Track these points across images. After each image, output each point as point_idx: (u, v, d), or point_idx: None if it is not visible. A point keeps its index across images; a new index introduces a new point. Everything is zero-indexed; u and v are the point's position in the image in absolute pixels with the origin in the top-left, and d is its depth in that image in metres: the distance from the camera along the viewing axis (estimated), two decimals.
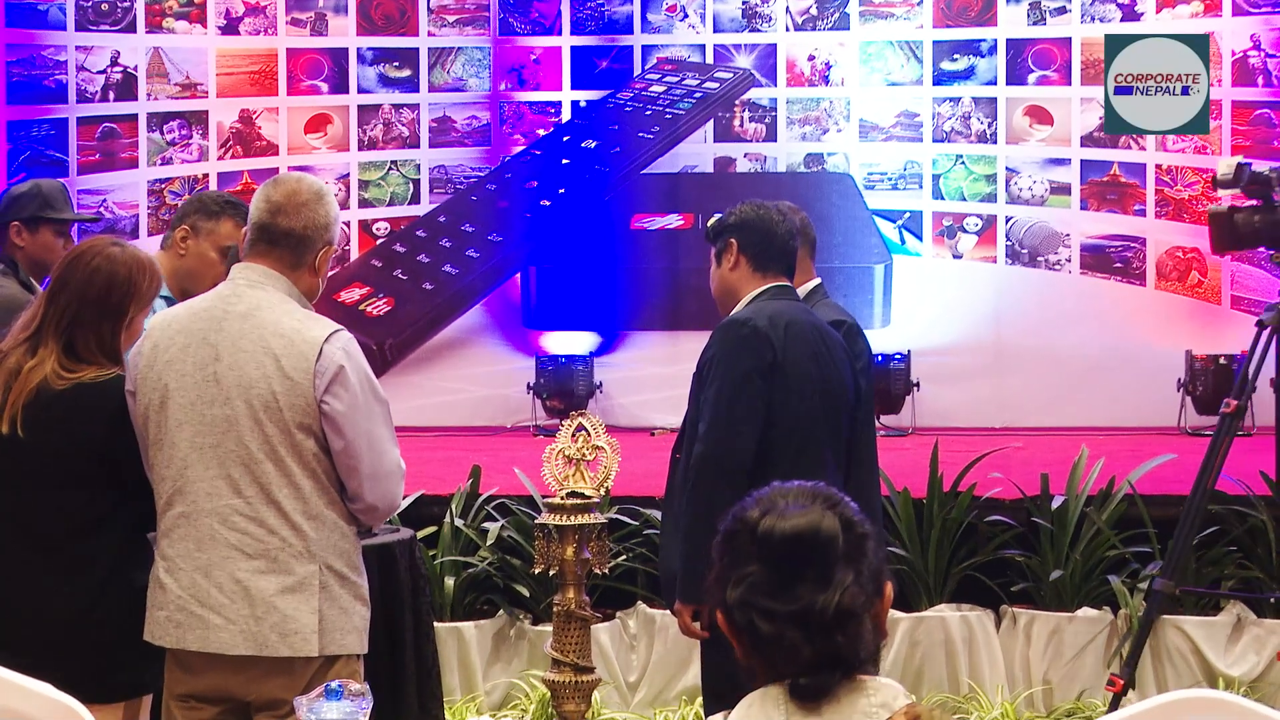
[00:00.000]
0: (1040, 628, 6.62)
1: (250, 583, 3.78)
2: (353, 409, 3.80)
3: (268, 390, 3.79)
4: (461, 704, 6.51)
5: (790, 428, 4.46)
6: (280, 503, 3.79)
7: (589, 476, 5.15)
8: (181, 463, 3.84)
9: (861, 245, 10.95)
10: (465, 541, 6.81)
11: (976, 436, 9.06)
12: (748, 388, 4.45)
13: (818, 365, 4.53)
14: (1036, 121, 11.02)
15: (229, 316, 3.86)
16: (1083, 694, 6.57)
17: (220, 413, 3.81)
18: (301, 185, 3.99)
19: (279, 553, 3.79)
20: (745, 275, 4.62)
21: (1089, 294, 10.74)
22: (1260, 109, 10.53)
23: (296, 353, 3.79)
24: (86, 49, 10.92)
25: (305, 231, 3.91)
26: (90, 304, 4.00)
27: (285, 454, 3.79)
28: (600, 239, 11.12)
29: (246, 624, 3.78)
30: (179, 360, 3.86)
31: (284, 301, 3.88)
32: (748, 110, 11.33)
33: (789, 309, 4.58)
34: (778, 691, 2.15)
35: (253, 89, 11.25)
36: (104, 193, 10.94)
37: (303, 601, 3.79)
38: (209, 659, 3.81)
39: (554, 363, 10.69)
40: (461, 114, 11.44)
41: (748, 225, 4.62)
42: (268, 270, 3.90)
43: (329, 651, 3.81)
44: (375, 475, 3.85)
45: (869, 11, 11.16)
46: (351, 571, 3.88)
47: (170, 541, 3.87)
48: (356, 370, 3.83)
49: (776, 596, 2.15)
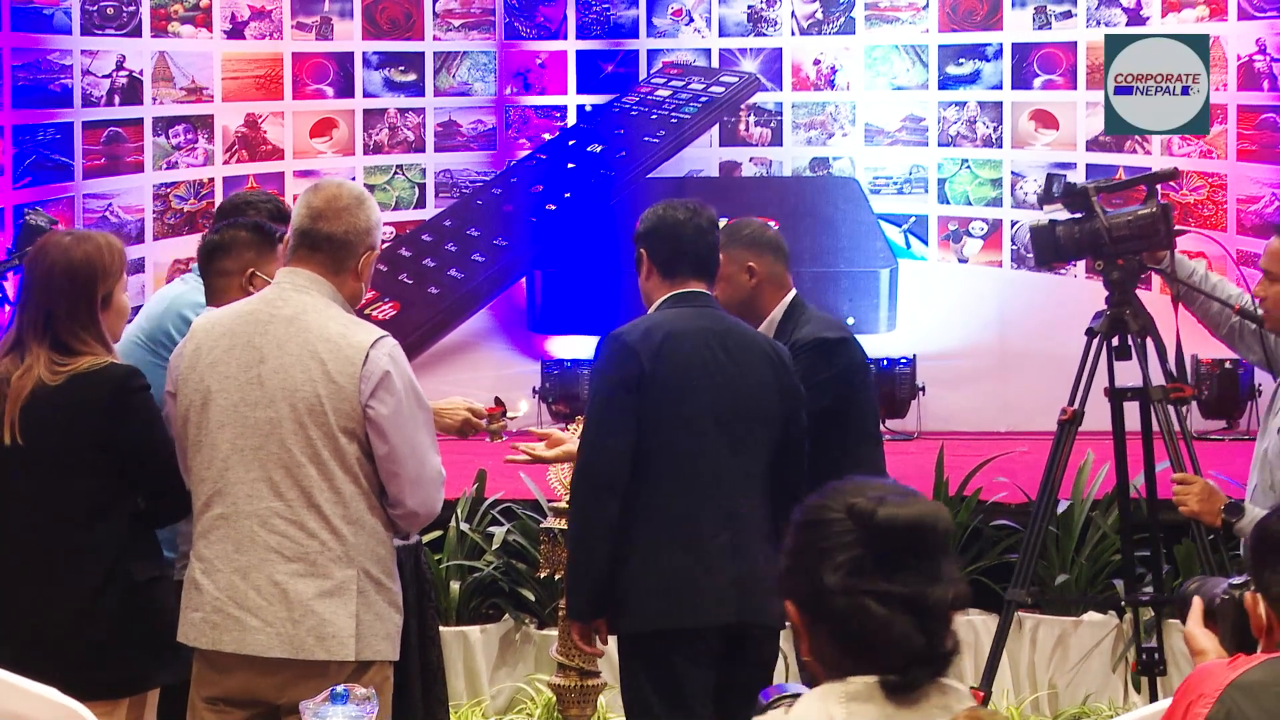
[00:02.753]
0: (1046, 632, 6.62)
1: (289, 585, 3.78)
2: (397, 414, 3.80)
3: (313, 394, 3.79)
4: (467, 708, 6.51)
5: (667, 438, 4.33)
6: (321, 506, 3.79)
7: None
8: (222, 464, 3.83)
9: (867, 249, 10.95)
10: (471, 546, 6.81)
11: (982, 440, 9.05)
12: (614, 402, 4.34)
13: (706, 374, 4.37)
14: (1042, 126, 11.02)
15: (275, 320, 3.86)
16: (1089, 698, 6.57)
17: (264, 415, 3.80)
18: (342, 190, 3.99)
19: (318, 556, 3.79)
20: (657, 283, 4.52)
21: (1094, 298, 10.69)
22: (1266, 113, 10.53)
23: (343, 357, 3.80)
24: (92, 53, 10.92)
25: (346, 236, 3.91)
26: (58, 296, 4.00)
27: (328, 457, 3.79)
28: (606, 243, 11.10)
29: (284, 626, 3.77)
30: (223, 362, 3.86)
31: (329, 306, 3.88)
32: (753, 114, 11.33)
33: (674, 318, 4.43)
34: (840, 689, 2.11)
35: (258, 93, 11.25)
36: (109, 197, 10.94)
37: (340, 606, 3.78)
38: (242, 661, 3.80)
39: (559, 367, 10.69)
40: (467, 118, 11.45)
41: (653, 233, 4.53)
42: (312, 275, 3.90)
43: (364, 657, 3.80)
44: (417, 481, 3.85)
45: (874, 16, 11.15)
46: (387, 578, 3.87)
47: (208, 543, 3.86)
48: (401, 376, 3.83)
49: (892, 580, 2.10)
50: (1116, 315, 5.19)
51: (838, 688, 2.11)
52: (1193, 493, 4.63)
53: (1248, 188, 10.55)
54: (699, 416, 4.35)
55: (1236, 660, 2.58)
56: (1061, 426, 5.26)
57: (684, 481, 4.33)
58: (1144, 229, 5.07)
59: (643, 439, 4.31)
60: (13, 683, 3.23)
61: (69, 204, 10.77)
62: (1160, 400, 5.11)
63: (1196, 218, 10.46)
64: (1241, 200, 10.54)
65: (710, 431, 4.36)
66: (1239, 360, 9.06)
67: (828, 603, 2.12)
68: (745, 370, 4.42)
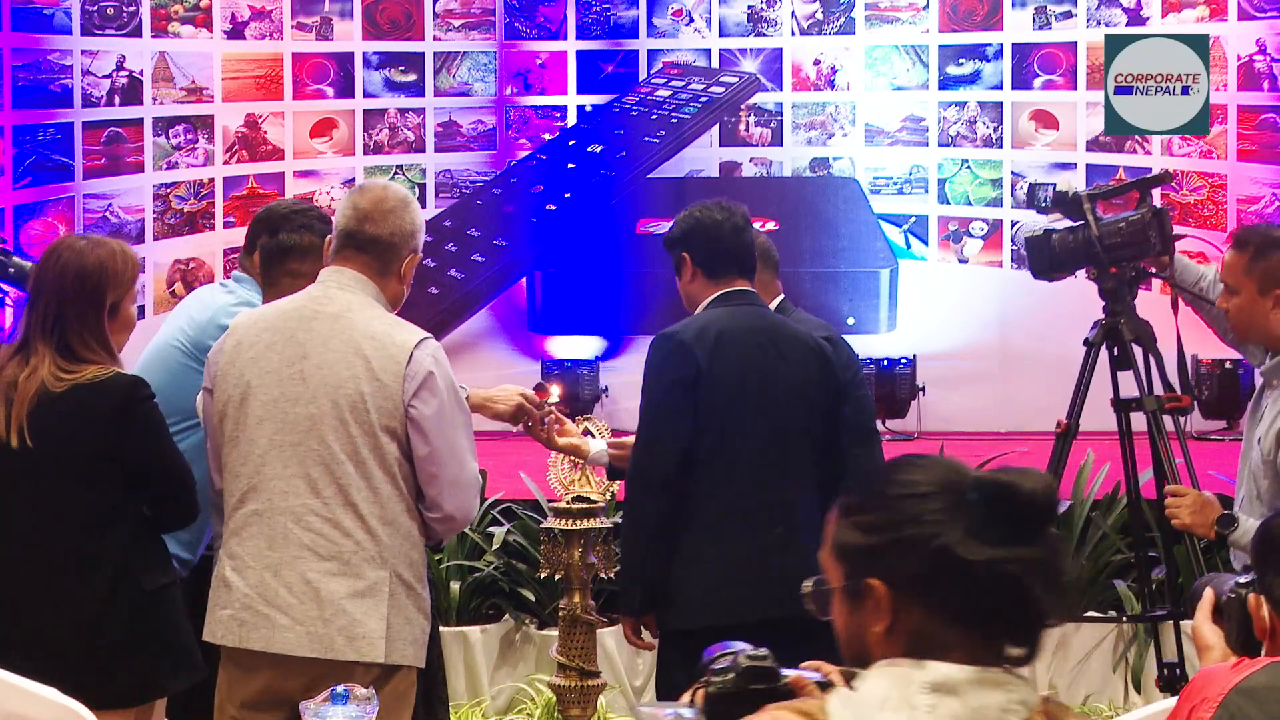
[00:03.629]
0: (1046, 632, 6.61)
1: (321, 584, 3.75)
2: (439, 415, 3.79)
3: (355, 391, 3.77)
4: (467, 708, 6.51)
5: (723, 435, 4.39)
6: (358, 505, 3.77)
7: (595, 481, 5.16)
8: (259, 460, 3.80)
9: (867, 249, 10.95)
10: (471, 546, 6.81)
11: (982, 441, 9.05)
12: (669, 401, 4.41)
13: (759, 371, 4.44)
14: (1042, 126, 11.02)
15: (319, 317, 3.85)
16: (1089, 698, 6.57)
17: (304, 411, 3.78)
18: (388, 192, 3.99)
19: (352, 556, 3.76)
20: (701, 285, 4.57)
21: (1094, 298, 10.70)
22: (1266, 113, 10.53)
23: (387, 355, 3.79)
24: (92, 53, 10.92)
25: (392, 239, 3.91)
26: (68, 299, 3.98)
27: (368, 455, 3.77)
28: (606, 243, 11.11)
29: (314, 625, 3.74)
30: (264, 357, 3.84)
31: (373, 305, 3.87)
32: (753, 115, 11.33)
33: (726, 317, 4.50)
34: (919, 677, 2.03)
35: (258, 93, 11.25)
36: (109, 197, 10.94)
37: (372, 607, 3.76)
38: (269, 660, 3.76)
39: (559, 367, 10.68)
40: (467, 118, 11.45)
41: (692, 235, 4.56)
42: (357, 275, 3.90)
43: (393, 660, 3.77)
44: (456, 484, 3.84)
45: (874, 16, 11.16)
46: (418, 583, 3.85)
47: (240, 540, 3.83)
48: (444, 378, 3.82)
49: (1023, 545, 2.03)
50: (1111, 325, 5.14)
51: (915, 675, 2.03)
52: (1185, 505, 4.62)
53: (1248, 188, 10.55)
54: (753, 413, 4.43)
55: (1240, 664, 2.58)
56: (1056, 439, 5.23)
57: (739, 477, 4.40)
58: (1135, 235, 4.99)
59: (699, 436, 4.38)
60: (13, 683, 3.23)
61: (69, 204, 10.78)
62: (1155, 410, 5.04)
63: (1196, 218, 10.46)
64: (1241, 200, 10.54)
65: (764, 428, 4.43)
66: (1239, 360, 9.07)
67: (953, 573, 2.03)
68: (794, 366, 4.51)
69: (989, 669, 2.04)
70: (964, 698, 2.02)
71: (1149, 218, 4.99)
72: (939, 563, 2.03)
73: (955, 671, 2.02)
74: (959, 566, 2.02)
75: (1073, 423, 5.21)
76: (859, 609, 2.10)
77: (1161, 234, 4.99)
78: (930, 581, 2.04)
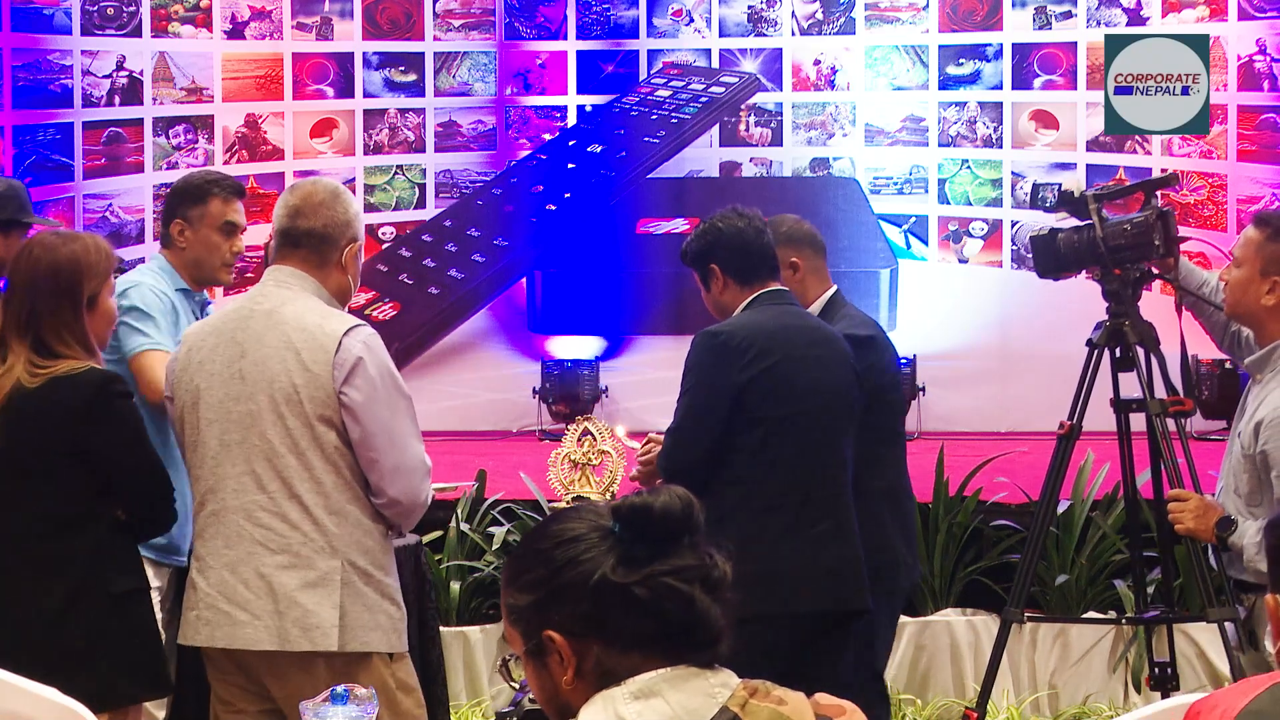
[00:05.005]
0: (1046, 632, 6.62)
1: (274, 578, 3.80)
2: (371, 400, 3.81)
3: (289, 383, 3.81)
4: (467, 708, 6.51)
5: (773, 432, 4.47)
6: (301, 497, 3.80)
7: (594, 481, 5.17)
8: (213, 461, 3.86)
9: (867, 250, 10.95)
10: (471, 546, 6.81)
11: (982, 441, 9.05)
12: (709, 399, 4.48)
13: (802, 369, 4.52)
14: (1042, 126, 11.02)
15: (255, 314, 3.90)
16: (1089, 698, 6.56)
17: (245, 408, 3.83)
18: (317, 186, 4.05)
19: (301, 548, 3.80)
20: (735, 293, 4.63)
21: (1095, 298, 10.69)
22: (1266, 113, 10.53)
23: (316, 345, 3.82)
24: (92, 53, 10.92)
25: (326, 230, 3.95)
26: (42, 294, 3.96)
27: (306, 447, 3.81)
28: (606, 243, 11.11)
29: (271, 619, 3.79)
30: (209, 360, 3.90)
31: (308, 298, 3.91)
32: (753, 115, 11.33)
33: (769, 317, 4.58)
34: (620, 691, 2.12)
35: (258, 93, 11.25)
36: (109, 197, 10.94)
37: (324, 597, 3.79)
38: (238, 657, 3.82)
39: (559, 367, 10.68)
40: (467, 118, 11.45)
41: (720, 246, 4.62)
42: (295, 270, 3.95)
43: (350, 648, 3.80)
44: (397, 469, 3.85)
45: (874, 16, 11.15)
46: (377, 570, 3.87)
47: (203, 541, 3.89)
48: (376, 363, 3.84)
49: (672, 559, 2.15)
50: (1115, 326, 5.12)
51: (617, 692, 2.11)
52: (1188, 510, 4.64)
53: (1248, 188, 10.55)
54: (800, 410, 4.50)
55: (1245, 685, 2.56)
56: (1059, 440, 5.23)
57: (788, 472, 4.47)
58: (1139, 237, 4.98)
59: (749, 433, 4.45)
60: (13, 683, 3.23)
61: (69, 204, 10.78)
62: (1159, 414, 5.02)
63: (1196, 218, 10.46)
64: (1241, 200, 10.54)
65: (809, 423, 4.51)
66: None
67: (617, 601, 2.13)
68: (830, 363, 4.60)
69: (680, 666, 2.13)
70: (667, 696, 2.11)
71: (1154, 220, 4.98)
72: (601, 595, 2.13)
73: (651, 676, 2.12)
74: (620, 593, 2.12)
75: (1075, 424, 5.20)
76: (545, 667, 2.18)
77: (1166, 236, 4.98)
78: (599, 616, 2.13)
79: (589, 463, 5.25)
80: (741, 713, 2.09)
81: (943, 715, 6.57)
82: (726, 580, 2.19)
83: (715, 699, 2.11)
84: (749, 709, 2.10)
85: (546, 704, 2.21)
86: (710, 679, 2.14)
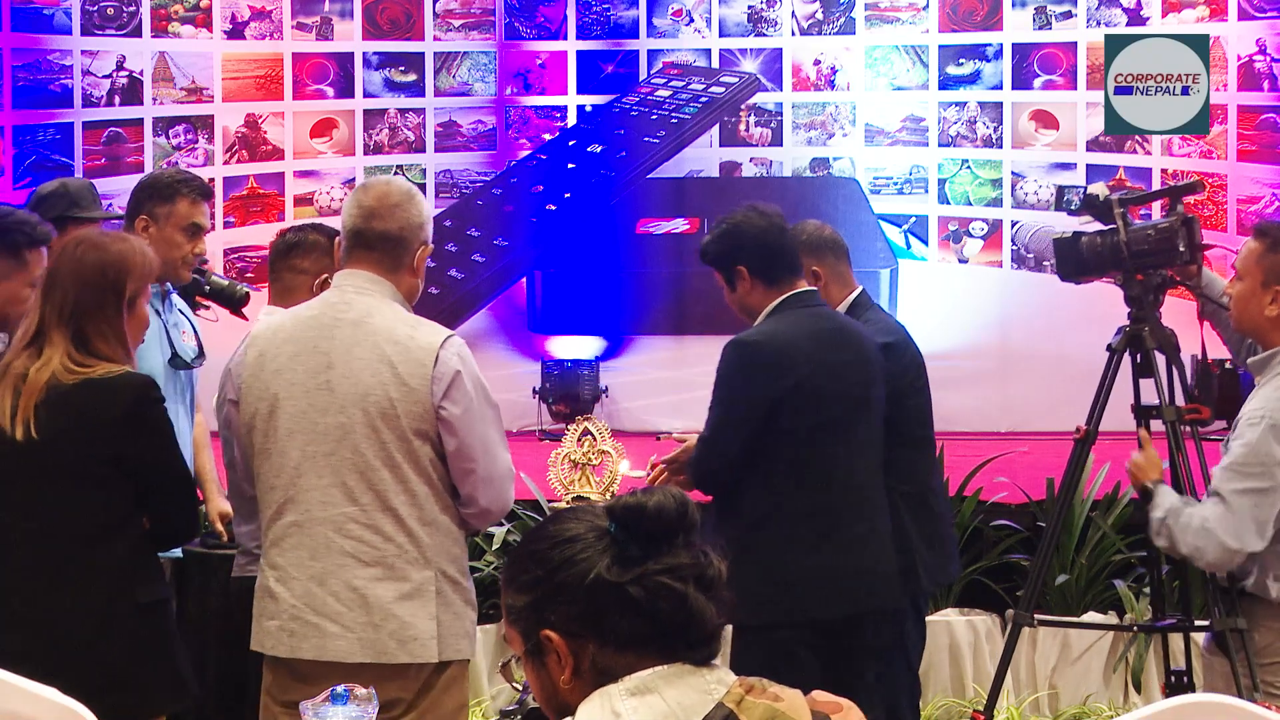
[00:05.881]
0: (1047, 632, 6.61)
1: (367, 590, 3.77)
2: (468, 413, 3.81)
3: (384, 397, 3.78)
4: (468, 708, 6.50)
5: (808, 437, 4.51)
6: (396, 509, 3.79)
7: (594, 481, 5.17)
8: (293, 472, 3.82)
9: (867, 250, 10.94)
10: (471, 546, 6.80)
11: (982, 441, 9.04)
12: (741, 408, 4.51)
13: (836, 373, 4.56)
14: (1042, 126, 11.01)
15: (340, 324, 3.85)
16: (1089, 698, 6.56)
17: (334, 420, 3.79)
18: (391, 187, 3.99)
19: (395, 559, 3.79)
20: (761, 293, 4.64)
21: (1095, 298, 10.68)
22: (1266, 113, 10.53)
23: (413, 359, 3.80)
24: (92, 53, 10.92)
25: (401, 233, 3.91)
26: (88, 288, 3.90)
27: (402, 460, 3.78)
28: (606, 243, 11.11)
29: (364, 631, 3.77)
30: (288, 369, 3.84)
31: (392, 307, 3.88)
32: (753, 115, 11.33)
33: (800, 320, 4.60)
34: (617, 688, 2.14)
35: (258, 93, 11.25)
36: (109, 197, 10.91)
37: (420, 608, 3.79)
38: (323, 667, 3.76)
39: (559, 367, 10.68)
40: (467, 118, 11.44)
41: (744, 247, 4.62)
42: (372, 275, 3.90)
43: (446, 657, 3.81)
44: (489, 478, 3.86)
45: (874, 16, 11.15)
46: (462, 576, 3.89)
47: (281, 550, 3.84)
48: (471, 375, 3.85)
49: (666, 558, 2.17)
50: (1135, 332, 5.12)
51: (614, 689, 2.14)
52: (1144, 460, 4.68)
53: (1248, 188, 10.55)
54: (830, 418, 4.54)
55: None
56: (1075, 445, 5.22)
57: (821, 480, 4.52)
58: (1162, 243, 4.98)
59: (780, 443, 4.48)
60: (13, 683, 3.23)
61: None
62: (1174, 421, 5.00)
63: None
64: (1241, 200, 10.54)
65: (839, 431, 4.56)
66: None
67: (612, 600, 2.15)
68: (862, 366, 4.65)
69: (675, 664, 2.15)
70: (663, 693, 2.13)
71: (1178, 226, 4.99)
72: (596, 595, 2.16)
73: (647, 674, 2.14)
74: (614, 592, 2.15)
75: (1091, 429, 5.20)
76: (544, 667, 2.20)
77: (1190, 243, 4.98)
78: (595, 616, 2.16)
79: (589, 463, 5.24)
80: (737, 709, 2.10)
81: (943, 715, 6.57)
82: (721, 579, 2.19)
83: (711, 696, 2.13)
84: (745, 706, 2.10)
85: (546, 704, 2.23)
86: (706, 676, 2.15)
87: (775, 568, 4.46)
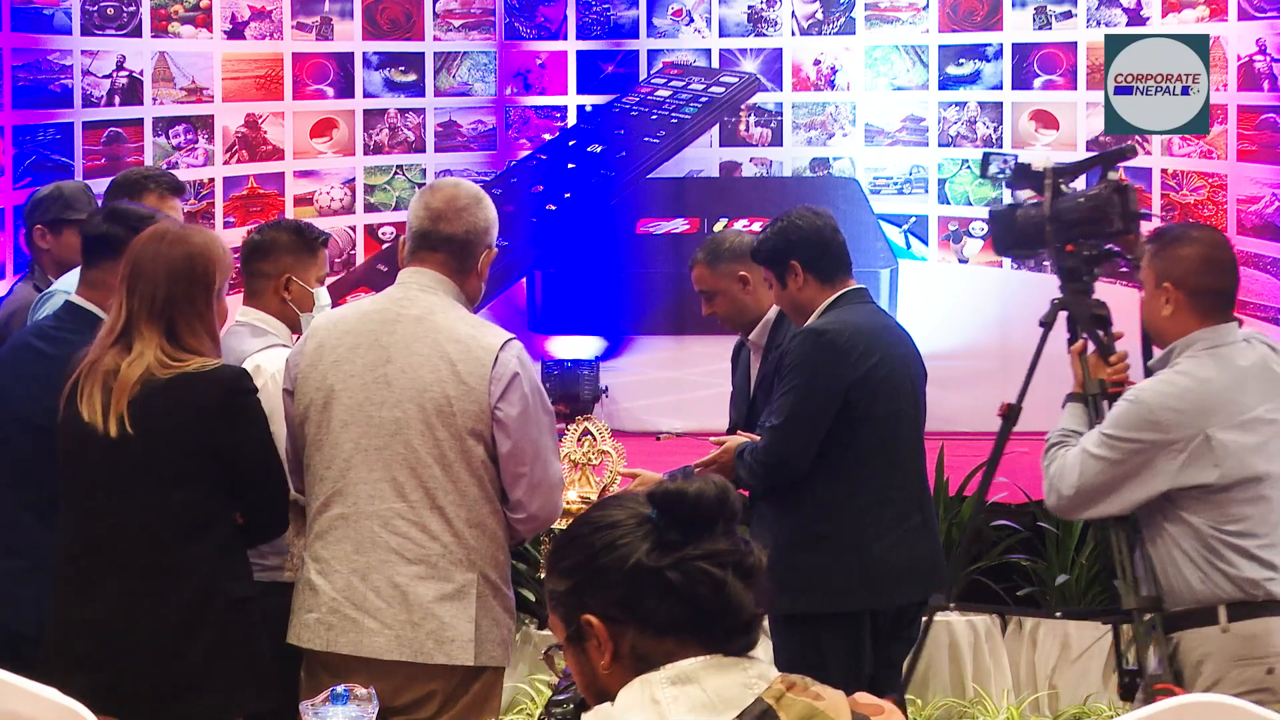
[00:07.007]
0: (1046, 632, 6.62)
1: (409, 588, 3.76)
2: (524, 417, 3.81)
3: (442, 394, 3.77)
4: None
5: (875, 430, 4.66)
6: (444, 508, 3.78)
7: (594, 481, 5.16)
8: (344, 464, 3.80)
9: (867, 250, 10.93)
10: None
11: (982, 440, 9.01)
12: (820, 398, 4.63)
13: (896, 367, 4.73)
14: (1042, 126, 11.01)
15: (402, 319, 3.85)
16: (1089, 698, 6.56)
17: (390, 415, 3.78)
18: (459, 190, 3.99)
19: (439, 559, 3.77)
20: (815, 290, 4.77)
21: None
22: (1266, 113, 10.52)
23: (472, 358, 3.79)
24: (92, 53, 10.91)
25: (467, 236, 3.92)
26: (179, 279, 3.81)
27: (454, 459, 3.78)
28: (606, 243, 11.11)
29: (403, 629, 3.75)
30: (347, 360, 3.84)
31: (455, 307, 3.89)
32: (753, 115, 11.33)
33: (865, 315, 4.77)
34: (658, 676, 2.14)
35: (259, 93, 11.25)
36: None
37: (461, 610, 3.77)
38: (357, 663, 3.74)
39: (559, 367, 10.68)
40: (467, 118, 11.44)
41: (800, 245, 4.76)
42: (437, 275, 3.91)
43: (482, 662, 3.80)
44: (540, 485, 3.85)
45: (874, 16, 11.15)
46: (504, 583, 3.87)
47: (325, 543, 3.82)
48: (529, 379, 3.84)
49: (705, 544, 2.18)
50: (1062, 304, 4.96)
51: (655, 676, 2.14)
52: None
53: (1248, 188, 10.55)
54: (897, 408, 4.72)
55: None
56: (1002, 421, 5.20)
57: (887, 468, 4.68)
58: (1092, 212, 4.75)
59: (851, 431, 4.63)
60: (13, 683, 3.23)
61: None
62: (1096, 394, 4.76)
63: (1196, 218, 10.45)
64: (1241, 200, 10.53)
65: (903, 421, 4.76)
66: None
67: (651, 585, 2.16)
68: (911, 361, 4.85)
69: (717, 655, 2.16)
70: (703, 683, 2.13)
71: (1109, 193, 4.73)
72: (636, 580, 2.17)
73: (689, 663, 2.14)
74: (654, 577, 2.16)
75: (1017, 404, 5.19)
76: (584, 652, 2.22)
77: (1124, 212, 4.73)
78: (635, 600, 2.17)
79: (589, 463, 5.24)
80: (776, 705, 2.11)
81: (943, 715, 6.57)
82: (760, 568, 2.20)
83: (752, 690, 2.13)
84: (784, 702, 2.11)
85: (586, 689, 2.24)
86: (749, 670, 2.16)
87: (848, 555, 4.58)
